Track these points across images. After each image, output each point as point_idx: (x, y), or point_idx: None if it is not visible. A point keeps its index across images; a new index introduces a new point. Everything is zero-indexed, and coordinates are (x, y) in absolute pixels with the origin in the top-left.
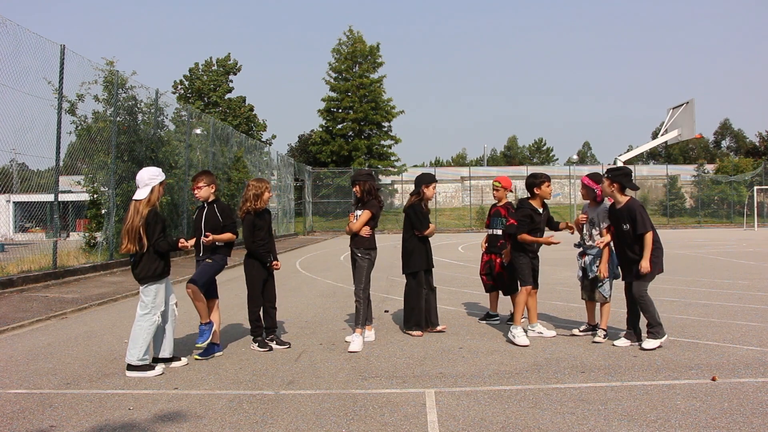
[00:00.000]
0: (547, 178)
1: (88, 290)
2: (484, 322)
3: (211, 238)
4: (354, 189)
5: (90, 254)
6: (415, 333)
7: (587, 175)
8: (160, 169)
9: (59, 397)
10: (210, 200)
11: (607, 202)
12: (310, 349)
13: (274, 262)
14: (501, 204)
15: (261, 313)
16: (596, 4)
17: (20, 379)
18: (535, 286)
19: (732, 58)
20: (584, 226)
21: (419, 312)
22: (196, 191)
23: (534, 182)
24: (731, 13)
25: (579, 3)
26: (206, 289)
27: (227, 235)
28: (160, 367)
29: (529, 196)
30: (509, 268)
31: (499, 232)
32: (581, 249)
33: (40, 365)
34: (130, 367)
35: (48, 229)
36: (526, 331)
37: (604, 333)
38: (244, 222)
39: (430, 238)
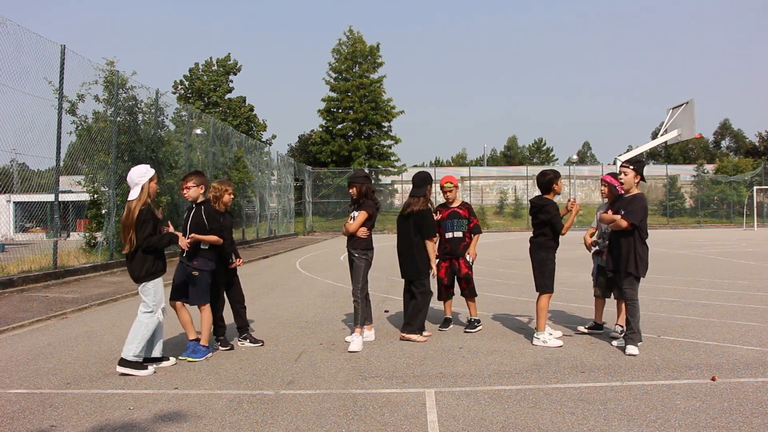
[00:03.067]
0: (559, 174)
1: (88, 290)
2: (470, 329)
3: (191, 239)
4: (351, 191)
5: (90, 254)
6: (421, 338)
7: (610, 174)
8: (148, 166)
9: (59, 397)
10: (198, 201)
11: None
12: (310, 349)
13: (237, 260)
14: (457, 205)
15: (222, 313)
16: (596, 4)
17: (20, 379)
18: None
19: (732, 58)
20: (604, 225)
21: (425, 315)
22: (184, 191)
23: (553, 178)
24: (731, 13)
25: (579, 3)
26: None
27: (211, 237)
28: (152, 368)
29: (543, 192)
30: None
31: (460, 234)
32: (597, 248)
33: (40, 365)
34: (123, 362)
35: (48, 229)
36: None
37: (622, 329)
38: None
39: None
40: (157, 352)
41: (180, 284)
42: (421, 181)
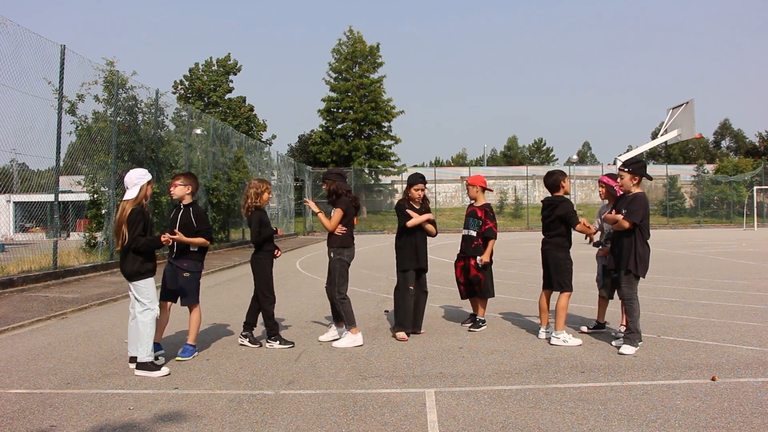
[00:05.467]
0: (565, 173)
1: (88, 290)
2: (474, 329)
3: (178, 236)
4: (323, 186)
5: (90, 254)
6: (399, 335)
7: (607, 174)
8: (146, 170)
9: (59, 397)
10: (186, 203)
11: None
12: (310, 349)
13: (276, 251)
14: (478, 204)
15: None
16: (596, 4)
17: (20, 379)
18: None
19: (732, 58)
20: (606, 225)
21: (404, 313)
22: (172, 189)
23: (559, 177)
24: (731, 13)
25: (579, 3)
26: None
27: (200, 240)
28: (165, 368)
29: (552, 192)
30: (485, 270)
31: (473, 233)
32: (601, 246)
33: (40, 365)
34: (140, 365)
35: (48, 229)
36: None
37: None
38: (252, 218)
39: (430, 236)
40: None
41: (170, 285)
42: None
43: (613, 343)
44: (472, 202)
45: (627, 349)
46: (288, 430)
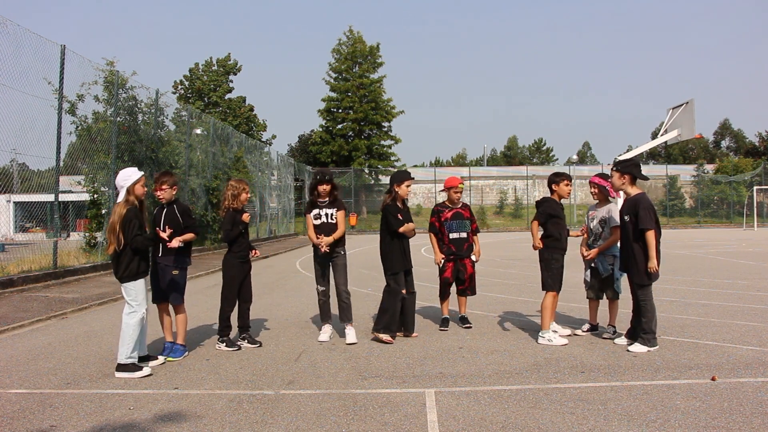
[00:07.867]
0: (567, 177)
1: (88, 290)
2: (446, 329)
3: (175, 243)
4: (324, 187)
5: (90, 254)
6: (384, 338)
7: (597, 175)
8: (135, 169)
9: (59, 397)
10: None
11: (618, 200)
12: (310, 349)
13: (254, 251)
14: (460, 206)
15: (236, 312)
16: (596, 4)
17: (20, 379)
18: (559, 289)
19: (732, 58)
20: (593, 225)
21: (391, 315)
22: (160, 193)
23: (554, 179)
24: (731, 13)
25: (579, 3)
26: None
27: (189, 235)
28: (147, 368)
29: (551, 191)
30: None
31: (465, 234)
32: (590, 249)
33: (40, 365)
34: (120, 367)
35: (48, 229)
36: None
37: (614, 329)
38: (225, 217)
39: (409, 238)
40: (144, 351)
41: (160, 285)
42: (390, 179)
43: (616, 341)
44: (450, 205)
45: (637, 348)
46: (288, 430)
